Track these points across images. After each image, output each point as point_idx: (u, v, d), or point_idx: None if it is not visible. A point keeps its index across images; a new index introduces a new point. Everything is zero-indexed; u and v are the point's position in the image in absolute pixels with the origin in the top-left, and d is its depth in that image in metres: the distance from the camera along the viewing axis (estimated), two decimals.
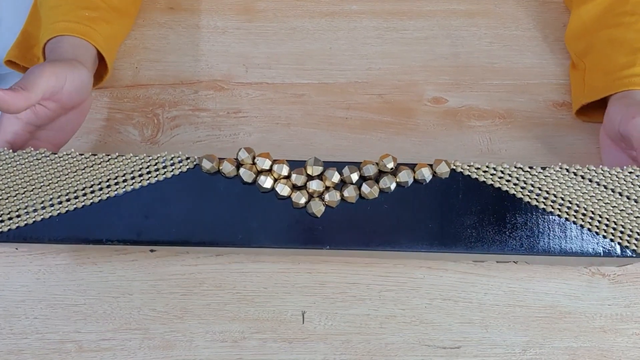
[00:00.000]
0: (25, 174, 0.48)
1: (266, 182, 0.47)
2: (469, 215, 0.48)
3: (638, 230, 0.46)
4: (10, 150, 0.49)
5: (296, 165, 0.48)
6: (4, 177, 0.48)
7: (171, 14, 0.69)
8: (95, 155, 0.49)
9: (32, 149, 0.49)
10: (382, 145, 0.60)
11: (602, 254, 0.47)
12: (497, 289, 0.53)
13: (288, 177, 0.48)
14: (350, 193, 0.47)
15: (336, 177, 0.47)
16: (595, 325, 0.51)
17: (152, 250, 0.54)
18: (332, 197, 0.47)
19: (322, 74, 0.64)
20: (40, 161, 0.48)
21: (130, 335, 0.51)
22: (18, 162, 0.48)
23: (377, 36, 0.67)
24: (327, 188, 0.48)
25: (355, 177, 0.48)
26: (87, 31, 0.56)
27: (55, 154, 0.49)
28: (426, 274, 0.53)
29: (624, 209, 0.47)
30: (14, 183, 0.48)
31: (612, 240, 0.47)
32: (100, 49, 0.57)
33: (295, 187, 0.48)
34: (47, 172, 0.48)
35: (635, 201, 0.47)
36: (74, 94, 0.52)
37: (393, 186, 0.48)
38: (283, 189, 0.47)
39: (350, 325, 0.51)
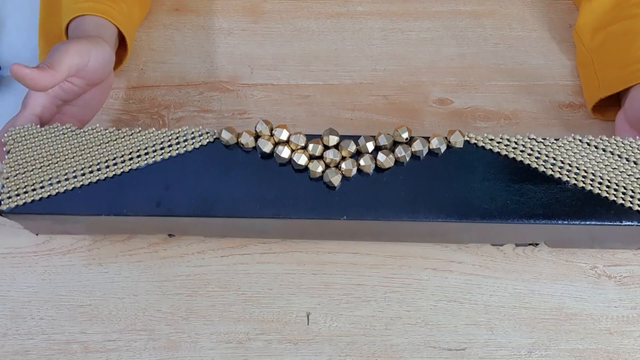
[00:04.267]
0: (51, 147, 0.49)
1: (284, 152, 0.48)
2: (484, 186, 0.48)
3: None
4: (38, 126, 0.50)
5: (312, 138, 0.49)
6: (30, 150, 0.49)
7: (177, 15, 0.69)
8: (119, 130, 0.50)
9: (59, 124, 0.50)
10: None
11: (621, 223, 0.46)
12: (503, 291, 0.52)
13: (305, 147, 0.49)
14: (366, 162, 0.48)
15: (352, 147, 0.48)
16: (601, 327, 0.51)
17: (170, 235, 0.54)
18: (349, 165, 0.48)
19: (328, 74, 0.64)
20: (66, 135, 0.50)
21: (135, 336, 0.51)
22: (45, 137, 0.49)
23: (382, 37, 0.67)
24: (343, 158, 0.48)
25: (370, 146, 0.48)
26: (108, 10, 0.58)
27: (80, 129, 0.50)
28: (432, 275, 0.53)
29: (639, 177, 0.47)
30: (40, 156, 0.49)
31: (630, 208, 0.47)
32: (121, 28, 0.58)
33: (312, 157, 0.49)
34: (72, 146, 0.49)
35: None
36: (99, 71, 0.54)
37: (408, 155, 0.48)
38: (300, 158, 0.48)
39: (356, 326, 0.51)
